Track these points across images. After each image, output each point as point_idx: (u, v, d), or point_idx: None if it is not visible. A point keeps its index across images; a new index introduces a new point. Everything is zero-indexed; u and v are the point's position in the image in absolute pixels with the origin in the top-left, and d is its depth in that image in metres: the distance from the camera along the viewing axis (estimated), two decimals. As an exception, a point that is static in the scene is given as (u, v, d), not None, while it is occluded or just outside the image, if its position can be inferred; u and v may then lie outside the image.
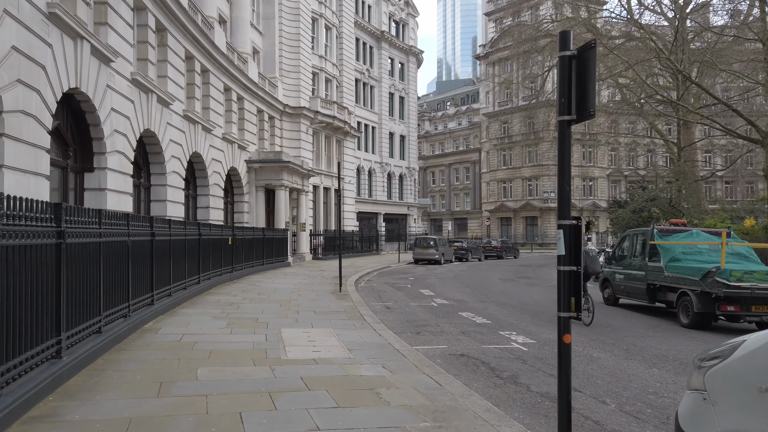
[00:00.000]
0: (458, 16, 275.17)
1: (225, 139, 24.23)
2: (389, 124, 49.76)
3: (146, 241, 9.95)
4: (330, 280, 20.16)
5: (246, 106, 27.12)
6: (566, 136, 3.57)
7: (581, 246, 3.43)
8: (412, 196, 52.88)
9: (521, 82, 62.89)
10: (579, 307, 3.59)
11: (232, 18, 28.03)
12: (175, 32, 18.82)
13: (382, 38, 48.14)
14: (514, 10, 66.14)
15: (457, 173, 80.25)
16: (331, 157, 37.65)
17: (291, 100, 32.60)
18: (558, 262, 3.51)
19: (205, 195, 22.58)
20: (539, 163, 65.45)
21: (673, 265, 12.65)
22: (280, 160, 27.36)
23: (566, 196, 3.47)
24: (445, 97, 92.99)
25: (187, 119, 19.96)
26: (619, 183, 69.39)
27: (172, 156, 18.61)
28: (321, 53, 36.51)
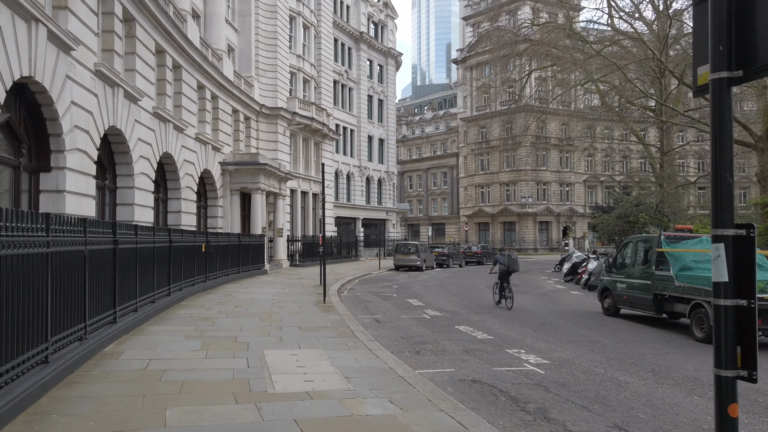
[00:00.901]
0: (432, 23, 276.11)
1: (198, 140, 22.84)
2: (368, 127, 48.71)
3: (107, 250, 8.66)
4: (311, 289, 18.95)
5: (221, 106, 25.75)
6: (725, 102, 2.54)
7: (753, 268, 2.40)
8: (391, 201, 51.86)
9: (500, 86, 62.64)
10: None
11: (206, 13, 26.65)
12: (144, 23, 17.45)
13: (360, 39, 47.11)
14: (492, 15, 65.75)
15: (435, 178, 79.56)
16: (309, 160, 36.40)
17: (268, 101, 31.29)
18: (715, 292, 2.47)
19: (176, 199, 21.15)
20: (517, 168, 65.12)
21: (684, 274, 11.82)
22: (257, 163, 26.04)
23: (727, 191, 2.43)
24: (422, 101, 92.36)
25: (157, 117, 18.57)
26: (595, 188, 69.56)
27: (141, 156, 17.21)
28: (299, 53, 35.29)
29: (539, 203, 64.94)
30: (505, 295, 16.02)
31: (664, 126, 31.21)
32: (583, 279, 23.46)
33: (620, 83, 35.08)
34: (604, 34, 38.59)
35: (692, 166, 60.17)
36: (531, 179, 64.74)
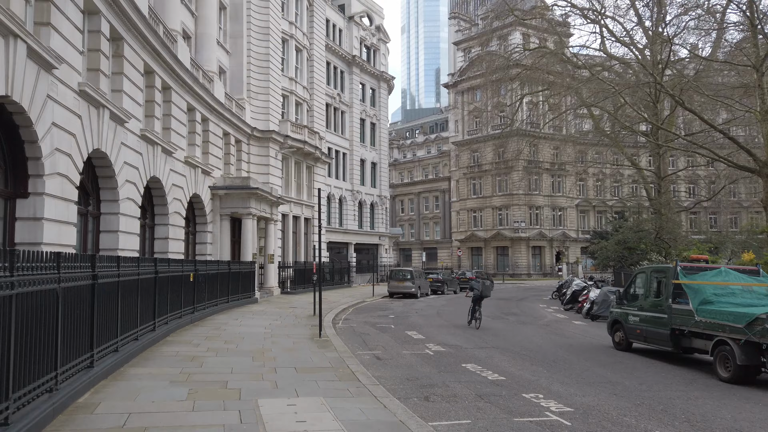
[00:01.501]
0: (422, 49, 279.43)
1: (187, 163, 22.05)
2: (360, 151, 48.18)
3: (85, 287, 7.82)
4: (304, 319, 18.05)
5: (211, 128, 25.04)
6: None
7: None
8: (383, 226, 51.12)
9: (492, 110, 62.63)
10: None
11: (197, 34, 26.12)
12: (132, 42, 16.78)
13: (353, 63, 46.87)
14: (483, 40, 65.94)
15: (427, 202, 79.07)
16: (301, 183, 35.68)
17: (259, 123, 30.66)
18: None
19: (164, 225, 20.26)
20: (509, 193, 64.80)
21: (706, 308, 11.12)
22: (248, 187, 25.26)
23: None
24: (413, 125, 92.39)
25: (145, 140, 17.78)
26: (587, 213, 69.37)
27: (127, 180, 16.38)
28: (291, 75, 34.82)
29: (532, 228, 64.52)
30: (475, 316, 18.11)
31: (661, 151, 30.92)
32: (584, 308, 22.73)
33: (614, 108, 34.93)
34: (594, 60, 38.59)
35: (683, 191, 60.21)
36: (523, 204, 64.40)
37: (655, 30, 34.26)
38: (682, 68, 31.34)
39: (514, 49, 46.26)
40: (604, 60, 37.45)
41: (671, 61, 25.40)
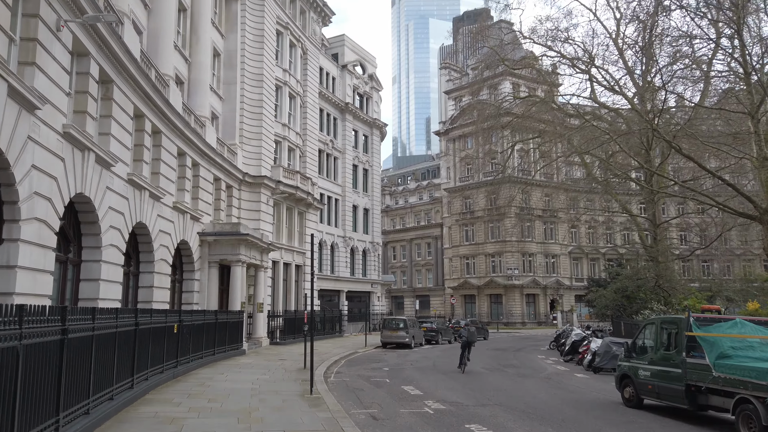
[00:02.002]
0: (412, 98, 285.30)
1: (176, 209, 21.42)
2: (353, 197, 47.84)
3: (52, 343, 7.07)
4: (294, 373, 17.09)
5: (202, 173, 24.55)
6: None
7: None
8: (375, 273, 50.27)
9: (484, 157, 62.96)
10: None
11: (190, 80, 25.97)
12: (123, 85, 16.42)
13: (346, 110, 47.12)
14: (474, 89, 66.97)
15: (419, 249, 78.44)
16: (293, 230, 35.04)
17: (251, 169, 30.25)
18: None
19: (149, 272, 19.43)
20: (502, 239, 64.40)
21: (724, 363, 10.44)
22: (238, 233, 24.58)
23: None
24: (405, 171, 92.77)
25: (132, 184, 17.20)
26: (580, 260, 68.97)
27: (111, 226, 15.69)
28: (284, 121, 34.71)
29: (525, 275, 63.86)
30: (463, 361, 19.97)
31: (655, 197, 30.77)
32: (586, 359, 21.88)
33: (605, 156, 35.00)
34: (585, 108, 38.94)
35: (675, 238, 60.14)
36: (516, 250, 63.94)
37: (644, 79, 34.76)
38: (671, 117, 31.58)
39: (504, 98, 46.80)
40: (595, 108, 37.77)
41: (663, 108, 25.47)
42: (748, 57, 19.60)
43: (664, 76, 29.39)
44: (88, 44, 13.92)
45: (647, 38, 30.83)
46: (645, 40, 31.32)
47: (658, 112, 24.75)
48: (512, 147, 42.20)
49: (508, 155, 43.51)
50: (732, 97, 22.63)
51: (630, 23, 33.89)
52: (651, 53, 31.50)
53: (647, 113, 27.57)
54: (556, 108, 38.97)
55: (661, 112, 24.18)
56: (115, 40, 15.05)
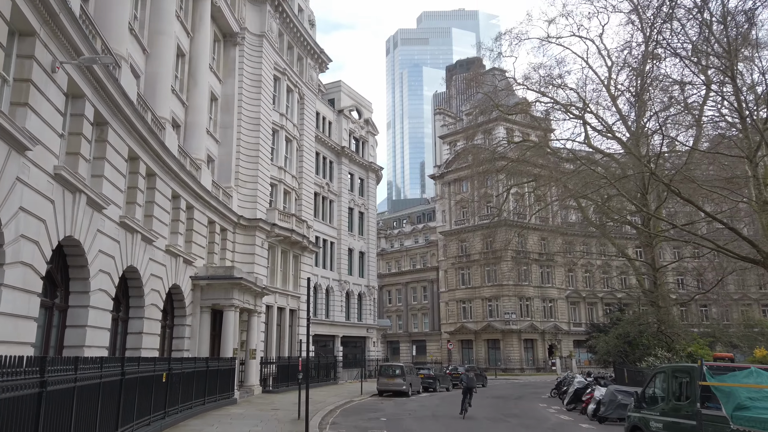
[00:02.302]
0: (407, 143, 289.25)
1: (169, 252, 20.97)
2: (348, 240, 47.48)
3: (29, 396, 6.55)
4: (288, 425, 16.34)
5: (196, 216, 24.21)
6: None
7: None
8: (371, 317, 49.41)
9: (479, 201, 63.07)
10: None
11: (187, 123, 25.94)
12: (118, 127, 16.26)
13: (342, 153, 47.30)
14: (468, 134, 67.63)
15: (415, 292, 77.58)
16: (287, 273, 34.49)
17: (246, 212, 29.96)
18: None
19: (138, 318, 18.82)
20: (499, 283, 63.79)
21: (743, 415, 9.91)
22: (232, 277, 24.06)
23: None
24: (400, 215, 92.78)
25: (124, 227, 16.82)
26: (578, 305, 68.24)
27: (100, 270, 15.22)
28: (280, 164, 34.67)
29: (523, 320, 62.98)
30: (465, 407, 20.68)
31: (654, 242, 30.54)
32: (590, 408, 21.12)
33: (601, 200, 34.98)
34: (578, 154, 39.15)
35: (671, 282, 59.73)
36: (513, 294, 63.26)
37: (638, 124, 35.13)
38: (664, 161, 31.71)
39: (499, 143, 47.20)
40: (589, 153, 37.97)
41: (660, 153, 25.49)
42: (743, 102, 19.73)
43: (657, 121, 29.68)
44: (84, 86, 13.80)
45: (638, 85, 31.28)
46: (637, 87, 31.78)
47: (654, 156, 24.77)
48: (508, 191, 42.16)
49: (503, 199, 43.47)
50: (726, 142, 22.68)
51: (622, 70, 34.41)
52: (643, 100, 31.88)
53: (644, 157, 27.64)
54: (551, 152, 39.23)
55: (658, 157, 24.18)
56: (112, 83, 14.96)
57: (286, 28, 36.99)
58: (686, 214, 33.87)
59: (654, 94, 30.40)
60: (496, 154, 39.88)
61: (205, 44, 27.41)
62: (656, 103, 30.59)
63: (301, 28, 38.30)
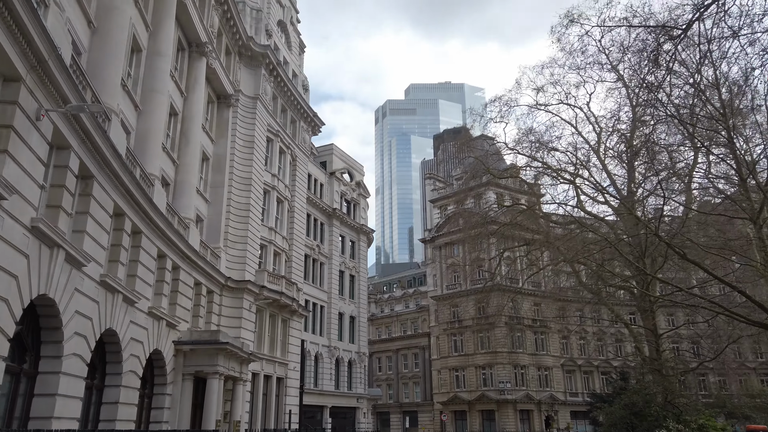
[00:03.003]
0: (395, 209, 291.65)
1: (151, 315, 19.84)
2: (339, 304, 46.16)
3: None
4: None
5: (182, 277, 23.19)
6: None
7: None
8: (362, 386, 47.34)
9: (471, 264, 62.30)
10: None
11: (177, 181, 25.37)
12: (104, 181, 15.58)
13: (333, 215, 46.80)
14: (459, 199, 67.75)
15: (406, 360, 75.12)
16: (275, 338, 33.02)
17: (235, 273, 28.94)
18: None
19: (115, 386, 17.47)
20: (493, 350, 61.95)
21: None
22: (217, 341, 22.78)
23: None
24: (391, 279, 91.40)
25: (104, 287, 15.84)
26: (573, 373, 66.27)
27: (76, 333, 14.13)
28: (271, 225, 33.97)
29: (518, 389, 60.79)
30: None
31: (654, 306, 29.73)
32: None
33: (596, 265, 34.42)
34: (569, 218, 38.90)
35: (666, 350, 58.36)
36: (508, 362, 61.36)
37: (629, 188, 35.15)
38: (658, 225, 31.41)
39: (490, 207, 47.06)
40: (581, 217, 37.72)
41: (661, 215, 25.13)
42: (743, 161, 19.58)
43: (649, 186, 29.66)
44: (70, 136, 13.24)
45: (628, 150, 31.48)
46: (627, 153, 31.97)
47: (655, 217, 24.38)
48: (500, 255, 41.41)
49: (496, 264, 42.73)
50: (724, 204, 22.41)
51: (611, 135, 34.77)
52: (633, 165, 31.99)
53: (644, 219, 27.29)
54: (542, 216, 38.97)
55: (660, 217, 23.79)
56: (100, 135, 14.43)
57: (280, 91, 37.29)
58: (680, 280, 33.26)
59: (643, 158, 30.51)
60: (488, 218, 39.60)
61: (198, 104, 27.30)
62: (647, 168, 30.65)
63: (295, 92, 38.66)
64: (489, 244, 51.32)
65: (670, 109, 19.12)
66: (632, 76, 25.33)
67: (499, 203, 50.35)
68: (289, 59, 39.78)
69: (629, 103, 35.00)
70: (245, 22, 33.65)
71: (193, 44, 27.19)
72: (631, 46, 22.02)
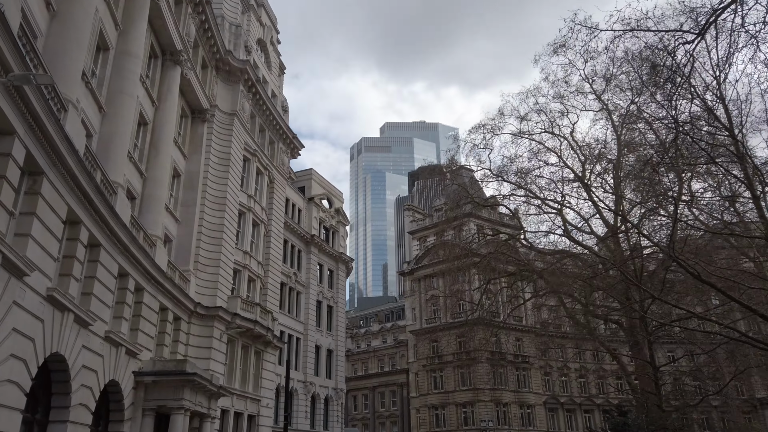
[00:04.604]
0: (369, 246, 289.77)
1: (108, 340, 17.45)
2: (316, 336, 43.57)
3: None
4: None
5: (146, 300, 20.85)
6: None
7: None
8: (338, 425, 44.39)
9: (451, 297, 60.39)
10: None
11: (144, 196, 23.26)
12: (56, 180, 13.51)
13: (311, 242, 44.69)
14: (438, 230, 66.33)
15: (383, 398, 72.02)
16: (247, 372, 30.42)
17: (205, 299, 26.58)
18: None
19: (61, 422, 14.96)
20: (474, 387, 59.56)
21: None
22: (183, 372, 20.34)
23: None
24: (368, 313, 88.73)
25: (52, 303, 13.59)
26: (556, 411, 64.14)
27: (12, 355, 11.85)
28: (246, 249, 31.75)
29: (501, 428, 58.26)
30: None
31: (652, 338, 28.24)
32: None
33: (585, 297, 33.09)
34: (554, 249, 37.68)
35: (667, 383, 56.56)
36: (489, 400, 58.96)
37: (615, 217, 34.20)
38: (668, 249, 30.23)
39: (473, 237, 45.65)
40: (569, 246, 36.57)
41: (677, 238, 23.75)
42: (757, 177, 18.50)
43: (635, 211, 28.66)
44: (15, 120, 11.33)
45: (613, 179, 30.67)
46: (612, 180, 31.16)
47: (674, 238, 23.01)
48: (486, 284, 39.50)
49: (480, 295, 40.89)
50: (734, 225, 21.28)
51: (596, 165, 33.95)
52: (619, 195, 31.05)
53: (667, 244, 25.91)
54: (528, 246, 37.62)
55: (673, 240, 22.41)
56: (53, 123, 12.52)
57: (259, 110, 35.65)
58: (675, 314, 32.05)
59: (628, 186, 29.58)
60: (470, 249, 38.27)
61: (171, 116, 25.45)
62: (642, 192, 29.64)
63: (274, 111, 37.07)
64: (471, 276, 49.86)
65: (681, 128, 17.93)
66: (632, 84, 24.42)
67: (482, 235, 48.99)
68: (268, 79, 38.33)
69: (614, 131, 34.39)
70: (224, 37, 32.17)
71: (167, 52, 25.50)
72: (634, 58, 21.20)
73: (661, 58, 17.97)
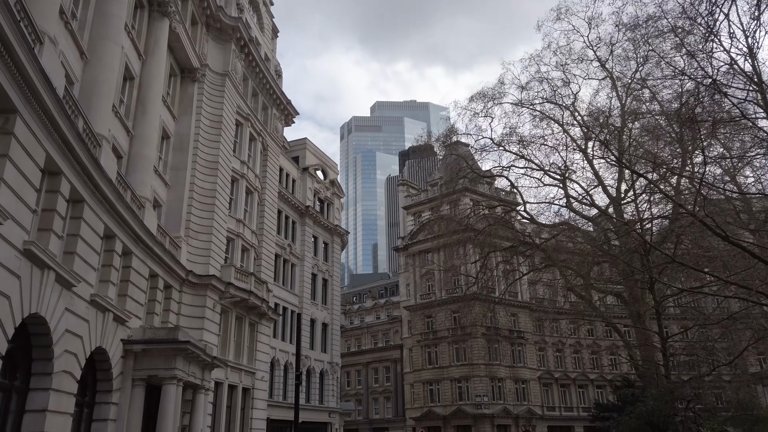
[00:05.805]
0: (359, 225, 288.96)
1: (94, 304, 16.16)
2: (311, 309, 42.48)
3: None
4: None
5: (134, 265, 19.52)
6: None
7: None
8: (334, 399, 43.58)
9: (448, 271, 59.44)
10: None
11: (131, 154, 21.78)
12: (32, 121, 12.08)
13: (306, 214, 43.36)
14: (434, 205, 65.28)
15: (377, 374, 71.41)
16: (242, 344, 29.29)
17: (197, 267, 25.25)
18: None
19: (43, 389, 13.70)
20: (469, 362, 59.04)
21: None
22: (176, 340, 19.12)
23: None
24: (361, 289, 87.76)
25: (30, 258, 12.27)
26: (551, 386, 63.96)
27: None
28: (239, 217, 30.39)
29: (495, 403, 57.93)
30: None
31: (661, 307, 27.41)
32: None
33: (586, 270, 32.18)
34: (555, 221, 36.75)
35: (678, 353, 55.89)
36: (485, 374, 58.51)
37: (618, 189, 33.27)
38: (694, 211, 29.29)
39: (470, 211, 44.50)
40: (570, 218, 35.64)
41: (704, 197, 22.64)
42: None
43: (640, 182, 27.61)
44: None
45: (617, 148, 29.58)
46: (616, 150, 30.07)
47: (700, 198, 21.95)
48: (485, 257, 38.42)
49: (477, 270, 39.83)
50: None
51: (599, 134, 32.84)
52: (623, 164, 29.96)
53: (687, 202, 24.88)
54: (527, 219, 36.59)
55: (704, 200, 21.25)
56: (25, 52, 10.97)
57: (252, 72, 33.97)
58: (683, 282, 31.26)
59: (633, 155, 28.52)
60: (464, 224, 37.26)
61: (159, 72, 23.81)
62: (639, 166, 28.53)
63: (268, 75, 35.39)
64: (467, 251, 48.87)
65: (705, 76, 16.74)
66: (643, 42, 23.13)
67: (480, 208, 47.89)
68: (261, 40, 36.57)
69: (618, 100, 33.21)
70: (214, -8, 30.33)
71: (154, 2, 23.79)
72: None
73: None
